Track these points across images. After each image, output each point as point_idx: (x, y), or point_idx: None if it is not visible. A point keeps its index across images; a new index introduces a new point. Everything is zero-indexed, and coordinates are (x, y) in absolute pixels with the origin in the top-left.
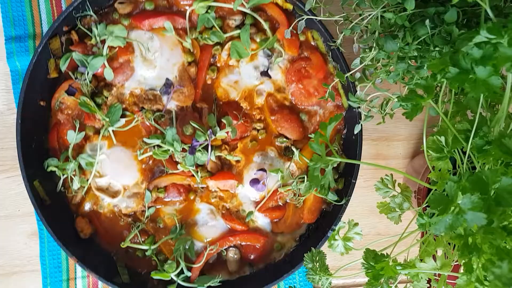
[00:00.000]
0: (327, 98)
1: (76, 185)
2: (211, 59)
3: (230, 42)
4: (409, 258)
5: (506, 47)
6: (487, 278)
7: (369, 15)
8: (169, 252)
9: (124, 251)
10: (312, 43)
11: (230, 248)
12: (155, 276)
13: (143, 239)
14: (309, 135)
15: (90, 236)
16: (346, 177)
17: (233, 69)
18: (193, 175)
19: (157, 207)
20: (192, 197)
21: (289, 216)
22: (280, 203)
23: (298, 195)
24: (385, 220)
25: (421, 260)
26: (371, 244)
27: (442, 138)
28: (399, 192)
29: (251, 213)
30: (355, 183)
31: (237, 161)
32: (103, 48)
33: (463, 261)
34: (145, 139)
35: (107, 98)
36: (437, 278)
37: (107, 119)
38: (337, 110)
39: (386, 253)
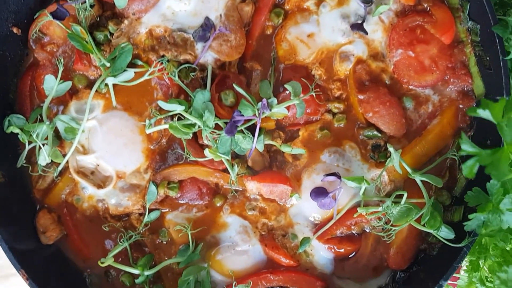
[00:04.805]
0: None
1: (44, 159)
2: None
3: None
4: None
5: None
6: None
7: None
8: (172, 283)
9: (104, 272)
10: None
11: None
12: None
13: (134, 258)
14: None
15: (55, 243)
16: (467, 205)
17: (309, 15)
18: (226, 170)
19: (163, 211)
20: (218, 204)
21: (365, 254)
22: (354, 232)
23: (389, 224)
24: None
25: None
26: None
27: None
28: None
29: (306, 240)
30: None
31: (295, 158)
32: None
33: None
34: (160, 103)
35: (112, 35)
36: None
37: (108, 65)
38: (462, 100)
39: None
